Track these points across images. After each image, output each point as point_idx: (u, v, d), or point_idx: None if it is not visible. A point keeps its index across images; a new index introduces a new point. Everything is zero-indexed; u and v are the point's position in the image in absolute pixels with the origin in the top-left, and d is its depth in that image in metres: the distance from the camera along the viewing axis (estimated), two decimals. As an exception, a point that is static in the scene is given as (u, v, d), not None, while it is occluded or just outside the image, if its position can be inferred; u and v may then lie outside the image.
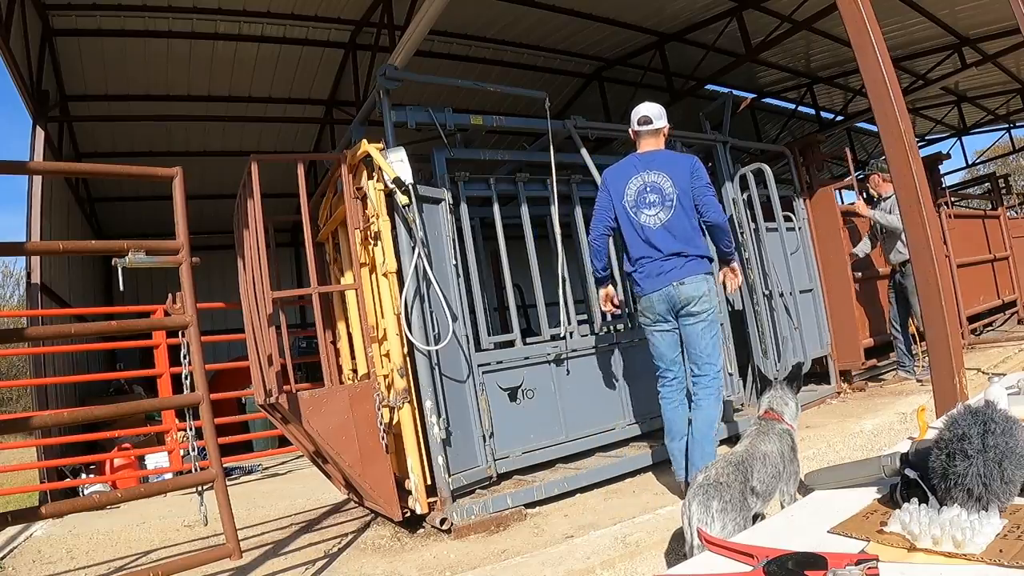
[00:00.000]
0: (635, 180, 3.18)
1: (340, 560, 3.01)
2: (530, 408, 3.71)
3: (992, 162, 18.86)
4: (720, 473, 2.07)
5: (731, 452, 2.23)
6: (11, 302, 19.25)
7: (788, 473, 2.28)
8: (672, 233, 3.11)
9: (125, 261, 2.40)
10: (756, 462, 2.16)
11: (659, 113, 3.27)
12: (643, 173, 3.17)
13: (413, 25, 3.39)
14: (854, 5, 2.77)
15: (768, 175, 4.86)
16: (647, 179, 3.16)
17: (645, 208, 3.14)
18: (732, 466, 2.11)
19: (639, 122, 3.27)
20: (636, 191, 3.17)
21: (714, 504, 1.97)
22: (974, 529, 1.00)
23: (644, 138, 3.28)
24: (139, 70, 6.94)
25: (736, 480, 2.05)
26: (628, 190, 3.18)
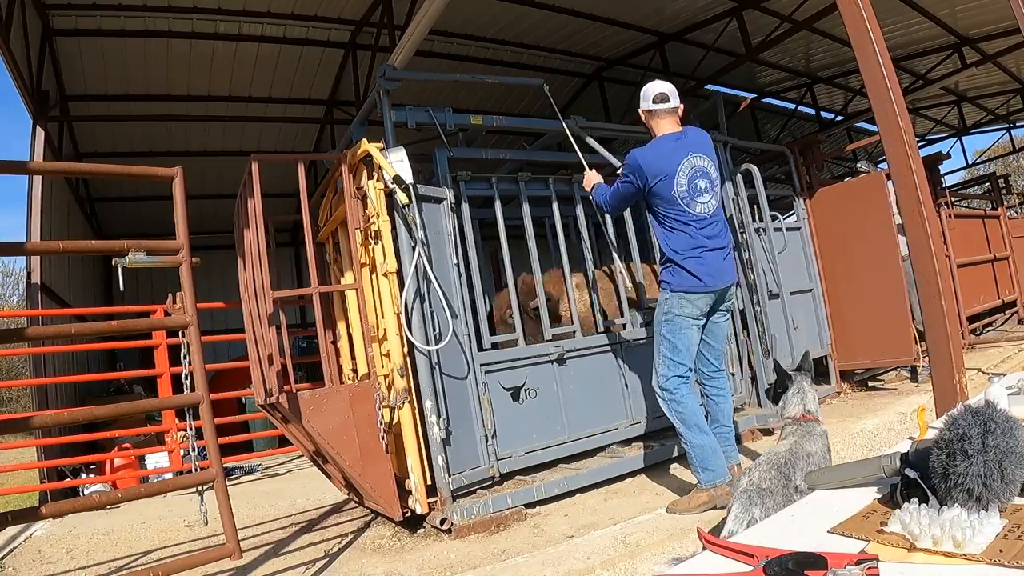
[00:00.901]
0: (685, 165, 2.93)
1: (340, 560, 3.01)
2: (533, 408, 3.71)
3: (992, 162, 18.85)
4: (763, 478, 2.04)
5: (774, 453, 2.17)
6: (11, 302, 19.24)
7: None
8: (723, 222, 3.02)
9: (125, 261, 2.40)
10: (800, 461, 2.12)
11: (673, 91, 3.06)
12: (690, 157, 2.95)
13: (413, 25, 3.38)
14: (854, 5, 2.77)
15: (756, 176, 4.86)
16: (694, 163, 2.95)
17: (699, 196, 2.93)
18: (776, 469, 2.07)
19: (656, 99, 3.02)
20: (687, 177, 2.93)
21: (755, 512, 1.94)
22: (974, 529, 1.00)
23: (664, 117, 3.03)
24: (139, 70, 6.94)
25: (779, 485, 2.02)
26: (679, 177, 2.92)
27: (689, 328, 2.99)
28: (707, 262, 2.93)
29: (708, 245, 2.93)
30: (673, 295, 2.98)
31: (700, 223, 2.94)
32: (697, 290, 2.93)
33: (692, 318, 2.97)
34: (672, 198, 2.92)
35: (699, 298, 2.95)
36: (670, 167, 2.92)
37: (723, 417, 3.14)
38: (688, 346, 3.01)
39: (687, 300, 2.95)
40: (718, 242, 2.97)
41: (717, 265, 2.94)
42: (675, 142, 2.98)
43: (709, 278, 2.93)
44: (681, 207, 2.92)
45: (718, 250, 2.96)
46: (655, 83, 3.08)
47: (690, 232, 2.93)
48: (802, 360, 2.56)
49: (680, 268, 2.95)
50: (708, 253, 2.93)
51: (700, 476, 2.95)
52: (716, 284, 2.94)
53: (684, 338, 3.00)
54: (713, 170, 2.99)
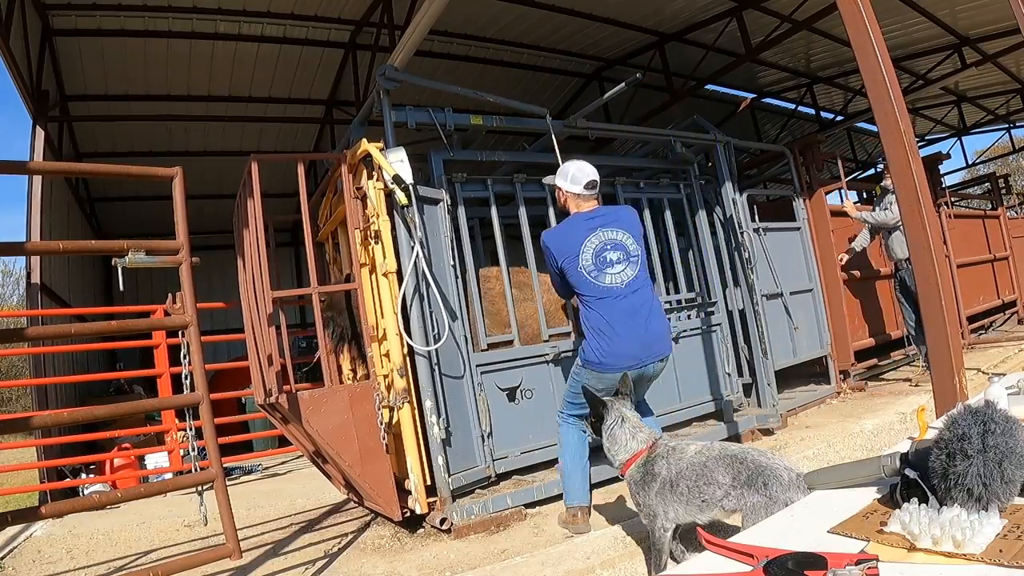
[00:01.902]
0: (592, 239, 2.83)
1: (340, 560, 3.01)
2: (529, 408, 3.71)
3: (992, 162, 18.86)
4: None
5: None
6: (11, 302, 19.24)
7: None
8: (646, 293, 2.85)
9: (125, 261, 2.40)
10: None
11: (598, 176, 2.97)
12: (600, 232, 2.84)
13: (413, 25, 3.38)
14: (854, 5, 2.77)
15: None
16: (605, 237, 2.84)
17: (607, 268, 2.80)
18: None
19: (588, 185, 2.91)
20: (594, 251, 2.82)
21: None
22: (974, 529, 1.00)
23: (587, 200, 2.94)
24: (139, 70, 6.95)
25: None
26: (584, 253, 2.82)
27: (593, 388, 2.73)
28: (620, 341, 2.74)
29: (625, 321, 2.75)
30: (584, 365, 2.86)
31: (615, 295, 2.77)
32: (606, 371, 2.76)
33: (597, 390, 2.67)
34: (580, 274, 2.81)
35: (610, 377, 2.74)
36: (575, 243, 2.83)
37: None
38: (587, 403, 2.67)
39: (595, 376, 2.80)
40: (640, 314, 2.78)
41: (635, 341, 2.74)
42: (585, 221, 2.88)
43: (619, 359, 2.72)
44: (589, 281, 2.80)
45: (634, 325, 2.76)
46: (583, 166, 2.94)
47: (603, 308, 2.78)
48: (621, 384, 2.46)
49: (589, 342, 2.81)
50: (624, 329, 2.74)
51: (564, 496, 3.07)
52: (630, 363, 2.72)
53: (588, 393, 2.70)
54: (632, 243, 2.86)
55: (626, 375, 2.54)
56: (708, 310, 4.68)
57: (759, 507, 1.91)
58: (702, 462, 2.10)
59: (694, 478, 2.09)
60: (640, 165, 5.11)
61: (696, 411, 4.37)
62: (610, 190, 4.52)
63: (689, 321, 4.55)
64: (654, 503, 2.17)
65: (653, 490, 2.16)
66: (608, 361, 2.75)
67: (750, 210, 5.04)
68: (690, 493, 2.10)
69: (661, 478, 2.15)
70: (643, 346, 2.76)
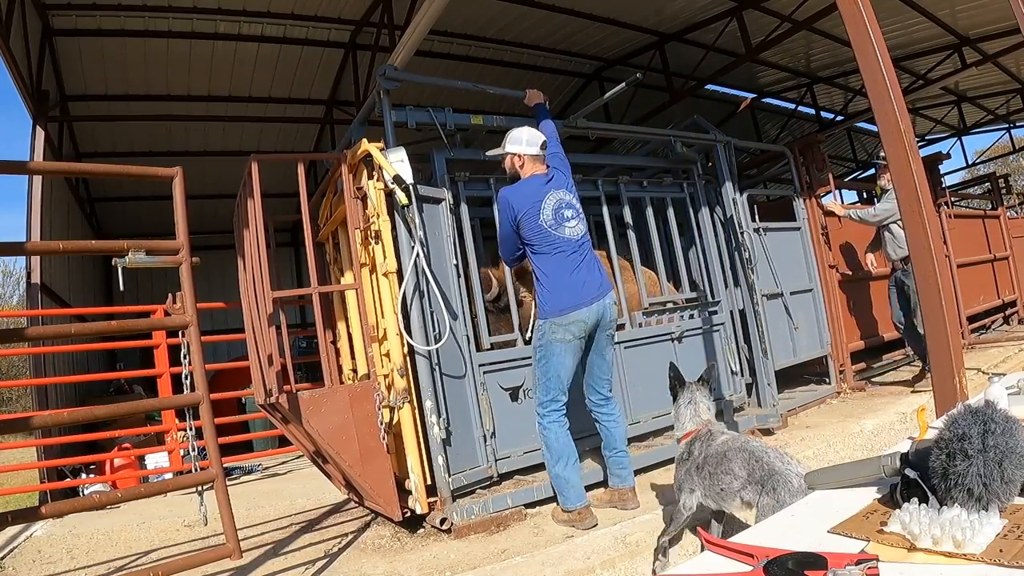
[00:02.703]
0: (550, 198, 3.10)
1: (340, 560, 3.01)
2: (531, 408, 3.70)
3: (992, 162, 18.86)
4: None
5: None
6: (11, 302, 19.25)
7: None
8: (589, 246, 3.17)
9: (125, 261, 2.40)
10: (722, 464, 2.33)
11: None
12: (554, 192, 3.12)
13: (413, 25, 3.38)
14: (854, 5, 2.77)
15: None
16: (559, 196, 3.12)
17: (566, 222, 3.08)
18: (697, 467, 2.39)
19: (542, 146, 3.20)
20: (553, 208, 3.09)
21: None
22: (974, 529, 1.00)
23: (540, 162, 3.20)
24: (139, 70, 6.95)
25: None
26: (545, 209, 3.08)
27: (562, 354, 3.03)
28: (576, 283, 3.03)
29: (578, 265, 3.05)
30: (546, 321, 3.06)
31: (571, 248, 3.06)
32: (567, 310, 3.00)
33: (564, 342, 3.01)
34: (539, 227, 3.05)
35: (571, 323, 3.00)
36: (537, 199, 3.07)
37: (617, 442, 3.21)
38: (560, 372, 3.05)
39: (558, 325, 3.01)
40: (587, 263, 3.09)
41: (587, 283, 3.04)
42: (544, 183, 3.13)
43: (578, 297, 3.00)
44: (549, 233, 3.05)
45: (588, 270, 3.07)
46: (532, 130, 3.23)
47: (561, 259, 3.05)
48: (706, 372, 2.60)
49: (551, 291, 3.05)
50: (577, 273, 3.04)
51: (559, 500, 3.10)
52: (587, 299, 3.01)
53: (556, 364, 3.04)
54: (578, 203, 3.19)
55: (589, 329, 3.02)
56: (711, 310, 4.68)
57: (768, 509, 2.00)
58: (724, 452, 2.27)
59: (715, 465, 2.27)
60: (644, 164, 5.12)
61: (696, 411, 4.36)
62: (612, 189, 4.52)
63: (692, 321, 4.55)
64: (683, 479, 2.41)
65: (685, 468, 2.41)
66: (571, 302, 2.99)
67: (750, 210, 5.04)
68: (711, 478, 2.27)
69: (693, 458, 2.37)
70: (597, 286, 3.06)
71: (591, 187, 4.42)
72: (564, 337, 3.01)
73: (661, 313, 4.42)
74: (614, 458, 3.22)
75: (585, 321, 3.01)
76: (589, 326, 3.03)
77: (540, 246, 3.07)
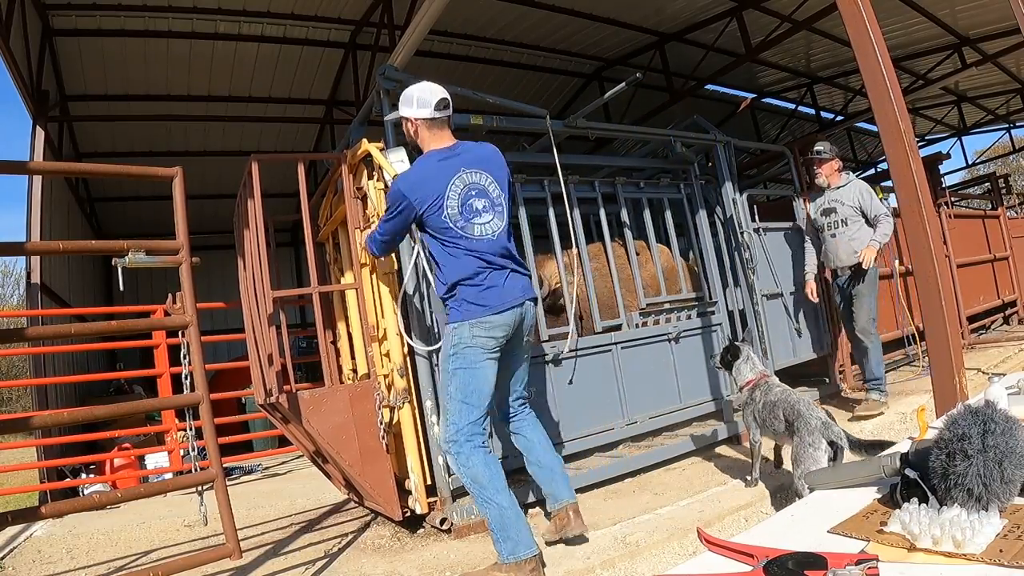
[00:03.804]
0: (456, 183, 2.53)
1: (340, 560, 3.01)
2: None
3: (992, 162, 18.87)
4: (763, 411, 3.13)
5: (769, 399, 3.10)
6: (11, 302, 19.25)
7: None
8: (507, 242, 2.62)
9: (125, 261, 2.40)
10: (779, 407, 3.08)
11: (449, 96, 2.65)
12: (462, 173, 2.55)
13: (413, 25, 3.38)
14: (854, 5, 2.77)
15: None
16: (468, 180, 2.55)
17: (475, 218, 2.53)
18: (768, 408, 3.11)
19: (440, 105, 2.57)
20: (460, 198, 2.53)
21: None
22: (974, 529, 1.00)
23: (442, 128, 2.63)
24: (139, 70, 6.95)
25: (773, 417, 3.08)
26: (449, 199, 2.51)
27: (483, 362, 2.51)
28: (494, 284, 2.54)
29: (495, 265, 2.56)
30: (462, 324, 2.53)
31: (483, 249, 2.53)
32: (489, 313, 2.51)
33: (484, 349, 2.50)
34: (444, 224, 2.51)
35: (494, 326, 2.51)
36: (439, 186, 2.51)
37: (542, 453, 2.70)
38: (483, 386, 2.52)
39: (478, 328, 2.51)
40: (506, 263, 2.60)
41: (505, 285, 2.56)
42: (445, 160, 2.57)
43: (499, 299, 2.52)
44: (457, 232, 2.51)
45: (506, 271, 2.58)
46: (429, 85, 2.63)
47: (474, 257, 2.53)
48: (745, 334, 3.37)
49: (466, 295, 2.54)
50: (495, 274, 2.55)
51: (499, 547, 2.40)
52: (508, 302, 2.53)
53: (477, 374, 2.51)
54: (495, 188, 2.59)
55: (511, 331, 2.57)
56: (708, 310, 4.68)
57: (796, 444, 2.81)
58: (774, 401, 3.02)
59: (768, 411, 3.04)
60: (640, 165, 5.12)
61: (696, 411, 4.37)
62: (610, 190, 4.52)
63: (689, 321, 4.55)
64: (749, 418, 3.20)
65: (750, 409, 3.18)
66: (493, 302, 2.50)
67: (750, 210, 5.04)
68: (764, 421, 3.08)
69: (754, 403, 3.14)
70: (521, 289, 2.60)
71: (588, 188, 4.42)
72: (486, 343, 2.50)
73: (659, 314, 4.42)
74: (539, 472, 2.69)
75: (509, 326, 2.54)
76: (510, 333, 2.57)
77: (447, 245, 2.56)
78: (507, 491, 2.45)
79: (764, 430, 3.11)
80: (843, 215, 4.58)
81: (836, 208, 4.62)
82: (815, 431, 2.73)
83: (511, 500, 2.44)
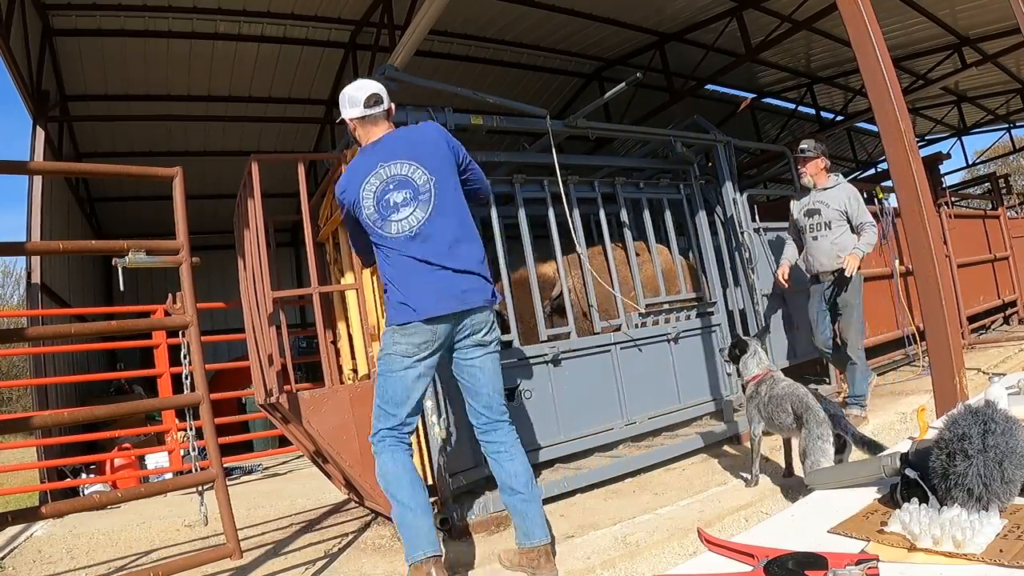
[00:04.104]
0: (371, 180, 2.40)
1: (340, 560, 3.01)
2: (527, 409, 3.71)
3: (992, 162, 18.87)
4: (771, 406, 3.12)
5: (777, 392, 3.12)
6: (11, 302, 19.25)
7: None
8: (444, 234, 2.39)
9: (125, 261, 2.41)
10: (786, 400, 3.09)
11: (384, 90, 2.55)
12: (380, 168, 2.41)
13: (413, 25, 3.39)
14: (854, 5, 2.77)
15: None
16: (387, 173, 2.40)
17: (392, 214, 2.37)
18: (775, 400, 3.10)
19: (369, 102, 2.48)
20: (376, 195, 2.39)
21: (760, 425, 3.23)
22: (974, 529, 1.00)
23: (377, 123, 2.52)
24: (139, 70, 6.95)
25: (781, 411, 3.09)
26: (365, 200, 2.40)
27: (402, 371, 2.39)
28: (413, 287, 2.36)
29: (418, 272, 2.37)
30: (387, 328, 2.45)
31: (403, 246, 2.37)
32: (408, 321, 2.35)
33: (405, 356, 2.37)
34: (368, 224, 2.44)
35: (412, 333, 2.36)
36: (355, 187, 2.43)
37: (514, 482, 2.46)
38: (398, 392, 2.41)
39: (399, 334, 2.38)
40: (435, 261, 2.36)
41: (436, 288, 2.34)
42: (366, 157, 2.46)
43: (420, 305, 2.34)
44: (377, 232, 2.42)
45: (432, 270, 2.36)
46: (361, 82, 2.56)
47: (396, 260, 2.39)
48: (761, 330, 3.44)
49: (392, 298, 2.42)
50: (416, 276, 2.36)
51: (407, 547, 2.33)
52: (429, 310, 2.33)
53: (395, 381, 2.40)
54: (422, 175, 2.39)
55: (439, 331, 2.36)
56: (708, 310, 4.68)
57: (804, 436, 2.85)
58: (781, 394, 3.04)
59: (775, 405, 3.05)
60: (640, 165, 5.11)
61: (696, 411, 4.37)
62: (610, 190, 4.52)
63: (689, 321, 4.55)
64: (752, 412, 3.21)
65: (753, 403, 3.19)
66: (410, 307, 2.35)
67: (750, 210, 5.04)
68: (772, 414, 3.07)
69: (760, 397, 3.15)
70: (457, 294, 2.36)
71: (588, 188, 4.43)
72: (404, 351, 2.38)
73: (658, 314, 4.42)
74: (513, 503, 2.46)
75: (433, 333, 2.36)
76: (440, 339, 2.39)
77: (377, 246, 2.46)
78: (412, 491, 2.35)
79: (770, 424, 3.12)
80: (827, 218, 4.31)
81: (821, 210, 4.35)
82: (823, 423, 2.78)
83: (416, 501, 2.33)
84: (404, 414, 2.43)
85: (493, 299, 2.47)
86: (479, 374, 2.48)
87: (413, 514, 2.32)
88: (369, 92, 2.50)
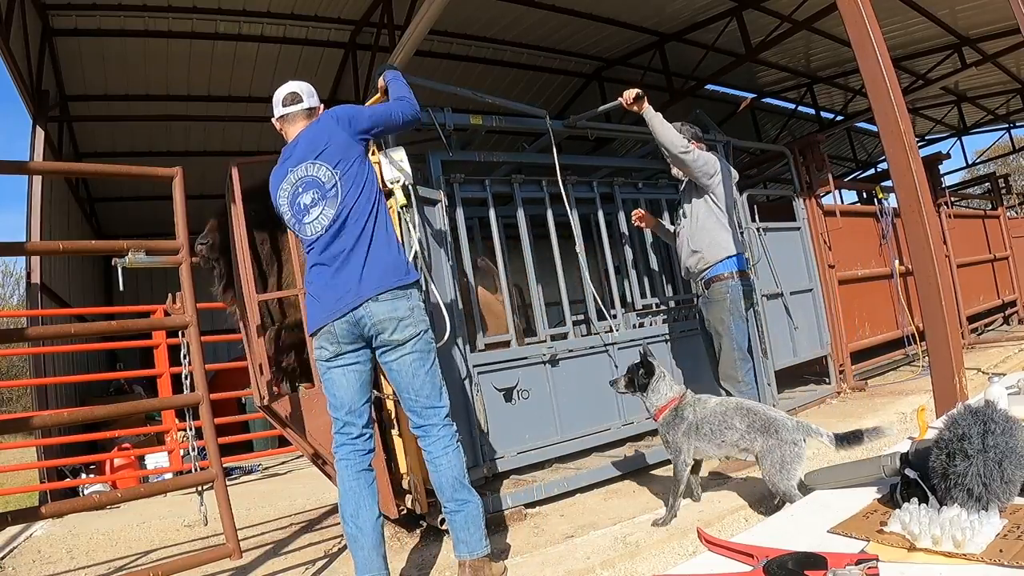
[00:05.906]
0: (284, 186, 2.35)
1: (340, 560, 3.00)
2: (525, 409, 3.71)
3: (992, 162, 18.86)
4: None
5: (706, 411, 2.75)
6: (11, 302, 19.26)
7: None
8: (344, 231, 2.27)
9: (125, 261, 2.41)
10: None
11: (309, 90, 2.51)
12: (291, 173, 2.35)
13: (413, 25, 3.38)
14: (854, 5, 2.77)
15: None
16: (296, 176, 2.33)
17: (304, 216, 2.30)
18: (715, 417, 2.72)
19: (286, 100, 2.46)
20: (289, 200, 2.34)
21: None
22: (974, 529, 1.00)
23: (297, 123, 2.47)
24: (139, 70, 6.95)
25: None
26: (282, 206, 2.36)
27: (326, 374, 2.33)
28: (318, 290, 2.31)
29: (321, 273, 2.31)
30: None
31: (319, 246, 2.30)
32: (317, 323, 2.30)
33: (320, 360, 2.34)
34: (292, 229, 2.44)
35: (318, 337, 2.31)
36: (275, 197, 2.40)
37: (445, 488, 2.31)
38: (329, 394, 2.35)
39: (313, 339, 2.36)
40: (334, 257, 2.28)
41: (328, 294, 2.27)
42: (281, 160, 2.42)
43: (320, 307, 2.29)
44: (300, 236, 2.39)
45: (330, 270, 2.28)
46: (285, 84, 2.55)
47: (311, 260, 2.35)
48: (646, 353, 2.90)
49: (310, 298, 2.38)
50: (319, 280, 2.31)
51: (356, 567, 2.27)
52: (323, 320, 2.27)
53: (326, 386, 2.35)
54: (327, 173, 2.29)
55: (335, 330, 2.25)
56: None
57: (773, 447, 2.52)
58: (723, 411, 2.69)
59: (716, 423, 2.67)
60: (639, 166, 5.11)
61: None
62: (608, 190, 4.52)
63: (688, 322, 4.55)
64: (680, 441, 2.74)
65: (680, 430, 2.73)
66: (314, 311, 2.32)
67: (750, 210, 5.04)
68: (712, 434, 2.68)
69: (688, 422, 2.73)
70: (348, 290, 2.24)
71: (587, 188, 4.42)
72: (321, 355, 2.33)
73: (655, 315, 4.42)
74: (447, 511, 2.34)
75: (333, 335, 2.26)
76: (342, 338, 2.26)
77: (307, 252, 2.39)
78: (355, 509, 2.25)
79: (708, 448, 2.71)
80: (683, 205, 3.61)
81: (681, 198, 3.72)
82: (794, 430, 2.52)
83: (359, 523, 2.23)
84: (342, 416, 2.32)
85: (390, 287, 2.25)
86: (396, 376, 2.33)
87: (352, 539, 2.23)
88: (287, 91, 2.47)
